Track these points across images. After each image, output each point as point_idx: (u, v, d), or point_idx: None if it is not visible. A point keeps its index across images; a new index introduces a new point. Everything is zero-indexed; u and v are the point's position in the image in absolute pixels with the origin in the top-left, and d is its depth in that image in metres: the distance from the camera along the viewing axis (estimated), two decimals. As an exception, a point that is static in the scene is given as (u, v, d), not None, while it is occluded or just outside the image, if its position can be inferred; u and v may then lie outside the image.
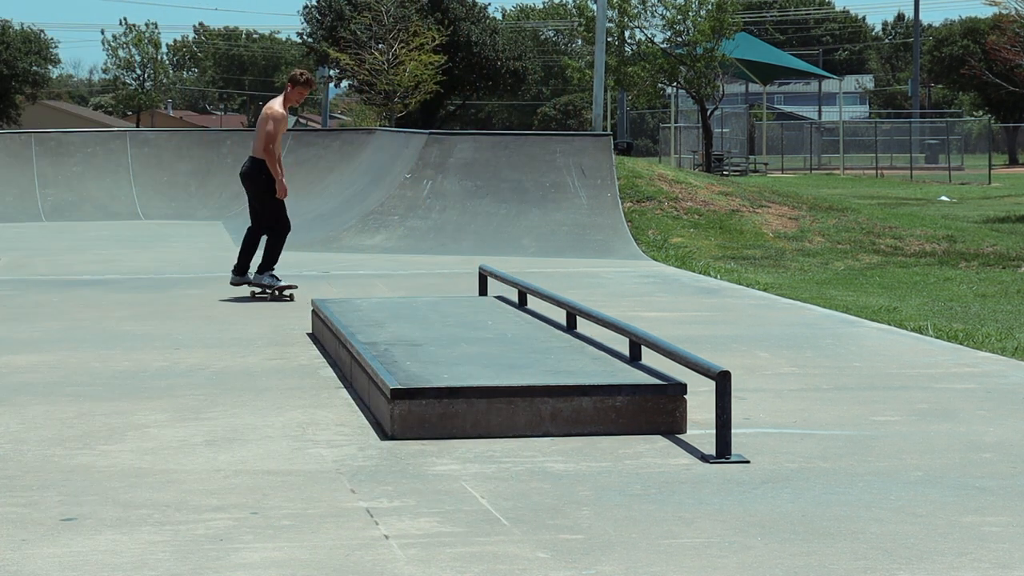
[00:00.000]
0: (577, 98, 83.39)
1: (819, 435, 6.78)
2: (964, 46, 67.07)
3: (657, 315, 11.37)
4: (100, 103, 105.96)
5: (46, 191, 23.35)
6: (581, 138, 19.58)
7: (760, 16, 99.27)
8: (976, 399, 7.73)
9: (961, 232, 19.38)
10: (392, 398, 6.63)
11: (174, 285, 13.64)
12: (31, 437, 6.73)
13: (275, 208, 12.39)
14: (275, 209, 12.39)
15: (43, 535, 5.04)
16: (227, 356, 9.19)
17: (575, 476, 5.91)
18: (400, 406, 6.62)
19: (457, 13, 61.61)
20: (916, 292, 13.78)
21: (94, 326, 10.71)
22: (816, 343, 9.81)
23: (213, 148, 24.52)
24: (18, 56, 73.78)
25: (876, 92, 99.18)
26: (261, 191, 12.37)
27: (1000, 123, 66.78)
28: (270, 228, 12.45)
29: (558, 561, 4.73)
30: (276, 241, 12.45)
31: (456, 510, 5.37)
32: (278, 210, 12.41)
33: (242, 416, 7.22)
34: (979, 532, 5.08)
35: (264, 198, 12.39)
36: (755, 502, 5.50)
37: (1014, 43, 31.67)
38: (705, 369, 6.43)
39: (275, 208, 12.39)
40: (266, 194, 12.36)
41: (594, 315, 8.35)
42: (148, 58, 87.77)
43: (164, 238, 19.19)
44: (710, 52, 37.89)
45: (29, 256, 16.73)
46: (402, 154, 19.92)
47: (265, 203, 12.39)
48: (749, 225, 18.96)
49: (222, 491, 5.67)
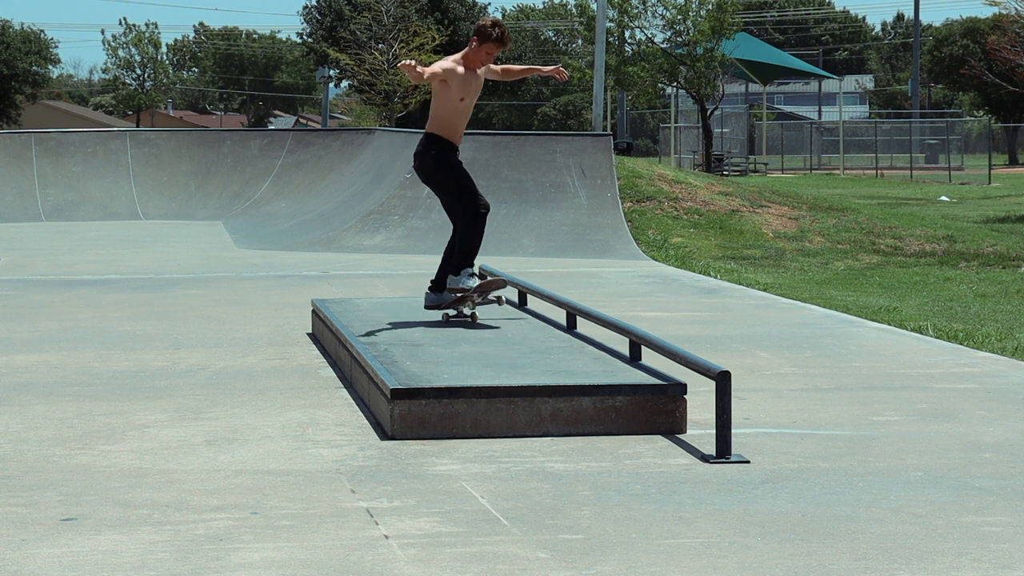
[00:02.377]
0: (577, 98, 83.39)
1: (819, 435, 6.78)
2: (964, 46, 67.08)
3: (657, 315, 11.36)
4: (100, 103, 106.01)
5: (46, 191, 23.36)
6: (581, 138, 19.58)
7: (760, 16, 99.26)
8: (976, 399, 7.72)
9: (961, 232, 19.38)
10: (392, 398, 6.63)
11: (174, 285, 13.64)
12: (31, 437, 6.73)
13: (456, 185, 8.87)
14: (457, 186, 8.87)
15: (43, 535, 5.04)
16: (227, 356, 9.19)
17: (575, 476, 5.91)
18: (400, 406, 6.62)
19: (457, 13, 61.62)
20: (916, 292, 13.78)
21: (94, 326, 10.71)
22: (816, 343, 9.81)
23: (213, 148, 24.53)
24: (18, 56, 73.82)
25: (876, 92, 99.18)
26: (432, 173, 8.89)
27: (1000, 123, 66.78)
28: (462, 213, 8.91)
29: (558, 561, 4.73)
30: (468, 226, 8.89)
31: (456, 510, 5.37)
32: (460, 185, 8.86)
33: (242, 416, 7.22)
34: (979, 532, 5.08)
35: (439, 178, 8.90)
36: (755, 502, 5.50)
37: (1014, 43, 31.68)
38: (705, 369, 6.43)
39: (456, 185, 8.87)
40: (440, 172, 8.87)
41: (594, 315, 8.35)
42: (148, 58, 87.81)
43: (164, 238, 19.19)
44: (710, 52, 37.92)
45: (29, 256, 16.73)
46: (402, 154, 19.91)
47: (444, 185, 8.91)
48: (749, 225, 18.95)
49: (222, 491, 5.67)
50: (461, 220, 8.86)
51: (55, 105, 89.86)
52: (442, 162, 8.82)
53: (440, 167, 8.83)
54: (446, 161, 8.83)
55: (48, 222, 22.20)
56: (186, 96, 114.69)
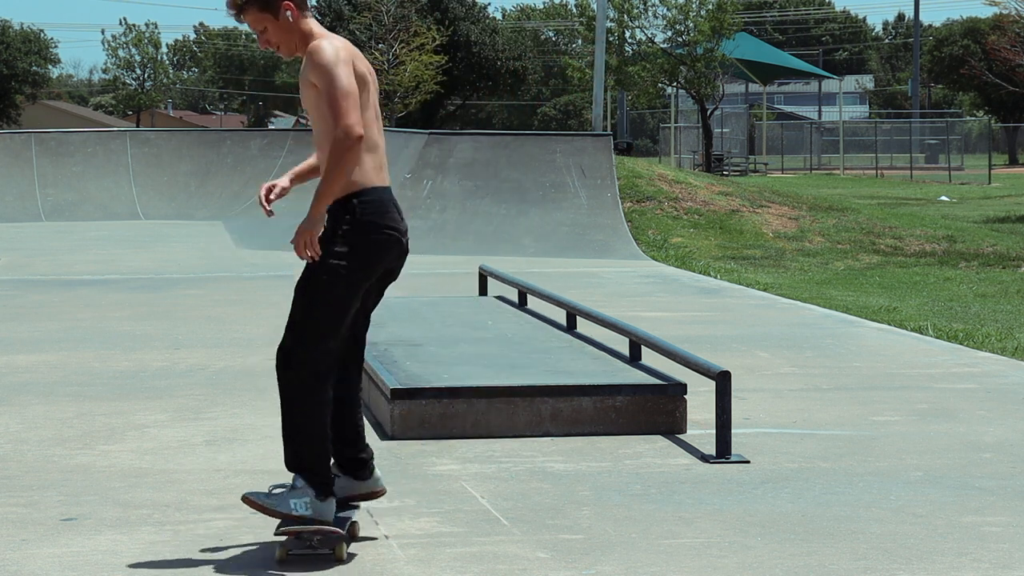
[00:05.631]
0: (577, 98, 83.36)
1: (819, 435, 6.78)
2: (964, 46, 67.04)
3: (657, 315, 11.36)
4: (100, 103, 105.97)
5: (46, 191, 23.35)
6: (581, 138, 19.59)
7: (760, 16, 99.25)
8: (976, 399, 7.72)
9: (961, 232, 19.37)
10: (392, 398, 6.63)
11: (174, 285, 13.63)
12: (31, 437, 6.73)
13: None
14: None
15: (43, 535, 5.04)
16: (227, 356, 9.19)
17: (575, 476, 5.91)
18: (400, 406, 6.62)
19: (457, 13, 61.61)
20: (916, 292, 13.77)
21: (94, 326, 10.71)
22: (816, 343, 9.81)
23: (213, 148, 24.53)
24: (18, 56, 73.79)
25: (876, 92, 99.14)
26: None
27: (1000, 123, 66.76)
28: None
29: (558, 561, 4.73)
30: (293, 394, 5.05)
31: (456, 510, 5.37)
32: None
33: (242, 416, 7.22)
34: (979, 532, 5.08)
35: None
36: (755, 502, 5.50)
37: (1014, 43, 31.67)
38: (705, 369, 6.43)
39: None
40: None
41: (594, 315, 8.35)
42: (148, 58, 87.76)
43: (164, 238, 19.18)
44: (710, 52, 37.89)
45: (29, 256, 16.72)
46: (402, 154, 19.91)
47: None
48: (749, 225, 18.95)
49: (222, 491, 5.67)
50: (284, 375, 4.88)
51: (55, 105, 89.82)
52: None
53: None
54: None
55: (48, 222, 22.20)
56: (186, 96, 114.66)
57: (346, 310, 4.82)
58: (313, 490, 4.72)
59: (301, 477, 4.75)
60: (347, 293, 4.79)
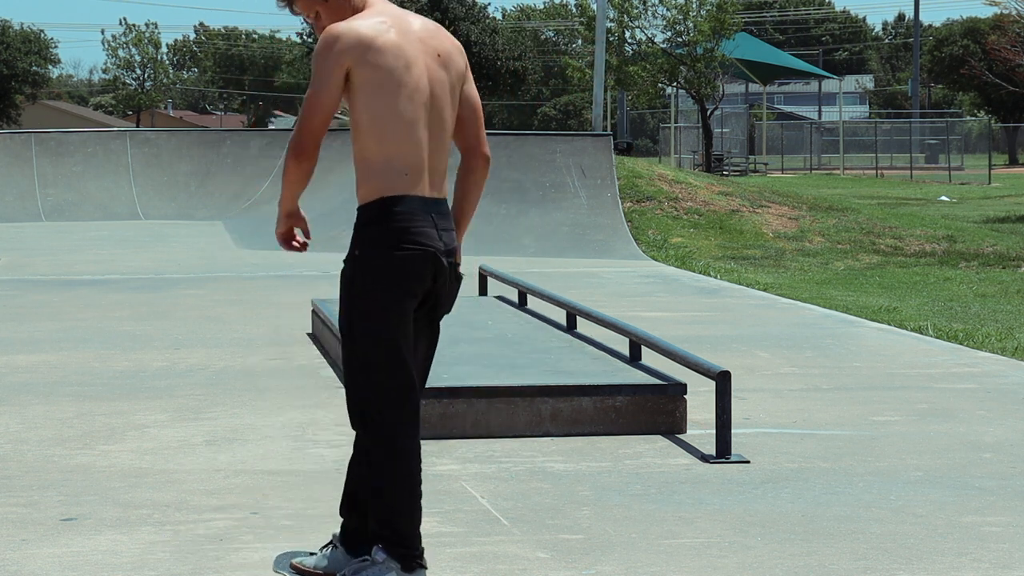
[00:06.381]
0: (577, 98, 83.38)
1: (819, 435, 6.78)
2: (964, 46, 67.04)
3: (657, 315, 11.36)
4: (100, 103, 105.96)
5: (46, 191, 23.35)
6: (581, 138, 19.59)
7: (760, 16, 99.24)
8: (976, 399, 7.72)
9: (961, 232, 19.37)
10: (392, 398, 6.62)
11: (174, 285, 13.63)
12: (31, 437, 6.73)
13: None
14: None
15: (43, 535, 5.04)
16: (227, 356, 9.19)
17: (575, 476, 5.91)
18: (400, 406, 6.61)
19: (457, 13, 61.61)
20: (916, 292, 13.78)
21: (94, 326, 10.71)
22: (816, 343, 9.81)
23: (213, 148, 24.51)
24: (18, 56, 73.77)
25: (876, 92, 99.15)
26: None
27: (1000, 123, 66.76)
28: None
29: (558, 561, 4.73)
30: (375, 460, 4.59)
31: (456, 510, 5.36)
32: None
33: (242, 416, 7.22)
34: (979, 532, 5.08)
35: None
36: (755, 502, 5.50)
37: (1014, 43, 31.67)
38: (705, 369, 6.43)
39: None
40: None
41: (594, 315, 8.35)
42: (148, 58, 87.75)
43: (164, 238, 19.18)
44: (710, 52, 37.90)
45: (29, 256, 16.72)
46: (402, 154, 19.91)
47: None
48: (749, 225, 18.95)
49: (222, 491, 5.67)
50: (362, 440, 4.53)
51: (55, 105, 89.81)
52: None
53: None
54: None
55: (48, 222, 22.19)
56: (186, 96, 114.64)
57: (387, 342, 4.17)
58: (397, 563, 4.18)
59: (382, 549, 4.18)
60: (380, 321, 4.20)
